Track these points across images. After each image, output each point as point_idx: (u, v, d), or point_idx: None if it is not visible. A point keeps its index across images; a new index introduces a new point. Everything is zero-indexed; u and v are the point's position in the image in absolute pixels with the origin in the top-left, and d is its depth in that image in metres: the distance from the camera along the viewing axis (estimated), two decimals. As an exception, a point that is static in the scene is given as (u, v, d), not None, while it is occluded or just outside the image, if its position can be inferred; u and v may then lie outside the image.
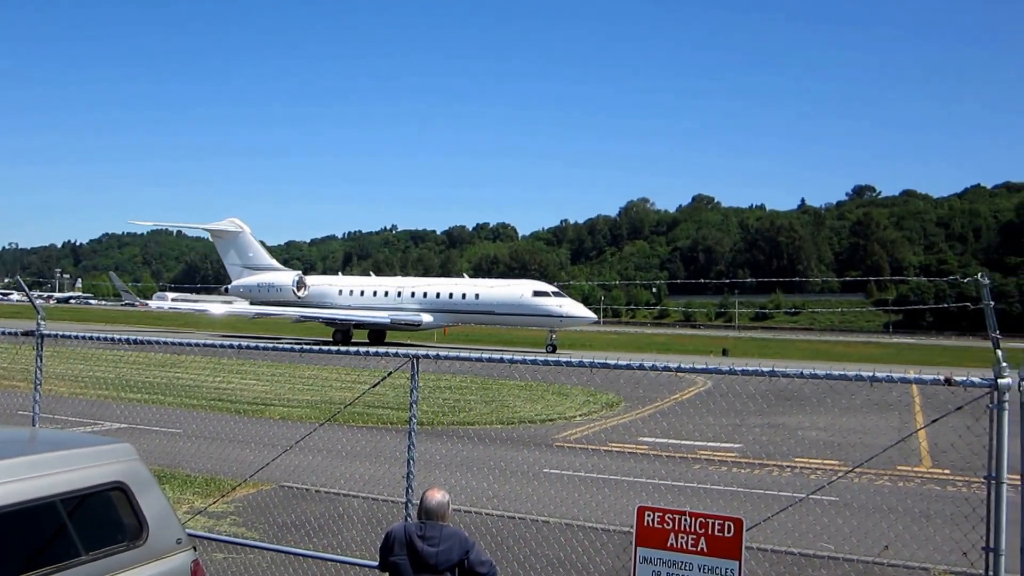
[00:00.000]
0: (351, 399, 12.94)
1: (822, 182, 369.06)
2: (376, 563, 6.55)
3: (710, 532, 6.17)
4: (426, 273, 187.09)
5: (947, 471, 17.22)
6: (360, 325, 61.17)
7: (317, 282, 67.21)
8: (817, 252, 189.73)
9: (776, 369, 6.27)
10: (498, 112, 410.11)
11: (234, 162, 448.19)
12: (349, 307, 62.28)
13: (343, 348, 30.02)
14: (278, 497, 13.91)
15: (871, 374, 5.93)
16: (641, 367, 6.97)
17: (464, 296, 59.28)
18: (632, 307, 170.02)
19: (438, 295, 60.44)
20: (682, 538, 6.24)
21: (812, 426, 23.89)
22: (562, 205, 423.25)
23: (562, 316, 55.56)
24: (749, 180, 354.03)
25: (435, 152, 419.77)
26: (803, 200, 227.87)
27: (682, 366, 7.12)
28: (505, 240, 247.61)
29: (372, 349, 8.81)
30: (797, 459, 18.60)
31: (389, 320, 59.85)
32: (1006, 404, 5.45)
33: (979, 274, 5.78)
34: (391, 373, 8.64)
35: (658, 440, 20.58)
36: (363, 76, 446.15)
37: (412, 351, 8.52)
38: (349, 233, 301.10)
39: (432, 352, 8.60)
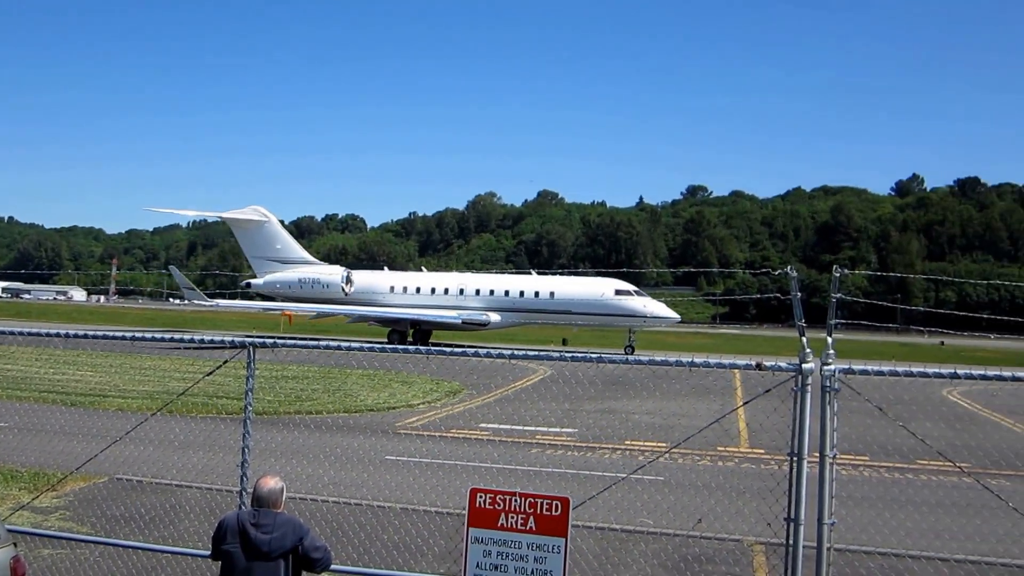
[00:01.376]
0: (185, 388, 12.46)
1: (659, 182, 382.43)
2: (209, 553, 6.36)
3: (539, 511, 6.28)
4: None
5: (762, 450, 18.13)
6: (424, 325, 55.50)
7: (363, 278, 59.66)
8: (653, 247, 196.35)
9: (603, 355, 6.43)
10: (348, 105, 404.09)
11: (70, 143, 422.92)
12: (403, 305, 55.98)
13: (175, 337, 29.00)
14: (111, 490, 13.30)
15: (690, 360, 6.18)
16: (476, 354, 7.02)
17: (537, 294, 53.85)
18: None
19: (507, 292, 54.77)
20: (512, 518, 6.33)
21: (641, 410, 24.71)
22: (411, 198, 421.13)
23: (646, 316, 51.76)
24: (591, 178, 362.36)
25: (284, 142, 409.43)
26: (641, 198, 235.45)
27: (515, 353, 7.21)
28: (354, 231, 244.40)
29: (208, 337, 8.48)
30: (627, 441, 19.20)
31: (460, 320, 53.96)
32: (808, 387, 5.79)
33: (788, 267, 6.10)
34: (226, 362, 8.38)
35: (497, 426, 20.82)
36: (202, 66, 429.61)
37: (248, 339, 8.28)
38: (194, 222, 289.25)
39: (269, 340, 8.39)
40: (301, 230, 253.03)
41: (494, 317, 53.74)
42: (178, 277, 56.41)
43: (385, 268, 64.58)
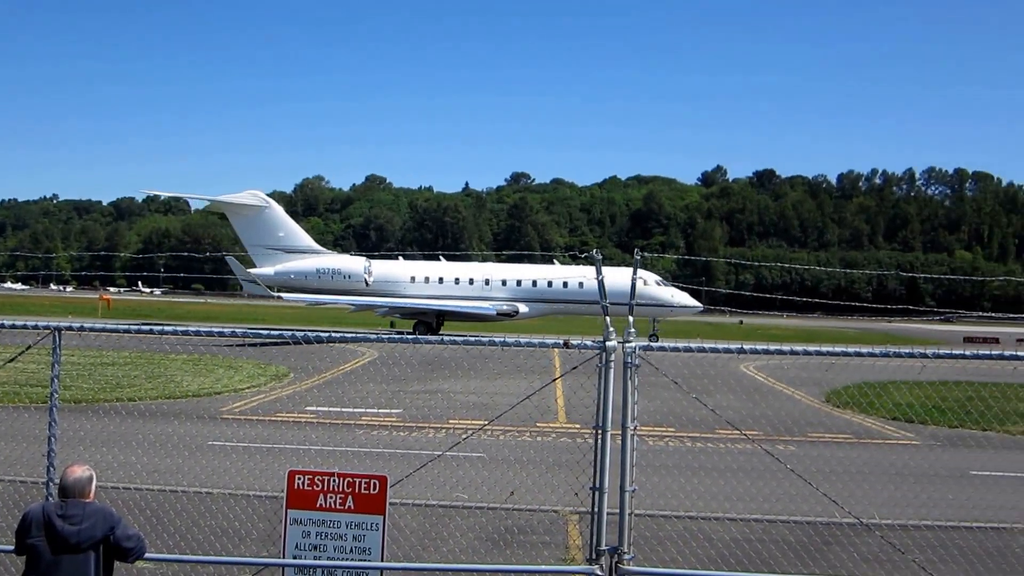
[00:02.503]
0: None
1: (484, 168, 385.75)
2: (12, 548, 5.96)
3: (357, 490, 6.27)
4: (90, 247, 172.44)
5: (578, 425, 18.71)
6: (456, 316, 53.10)
7: (382, 268, 55.52)
8: (479, 232, 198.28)
9: (419, 336, 6.47)
10: (171, 83, 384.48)
11: None
12: (425, 296, 52.81)
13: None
14: (-100, 486, 12.22)
15: (502, 339, 6.31)
16: (293, 338, 6.91)
17: (566, 284, 52.11)
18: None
19: (534, 283, 53.13)
20: (331, 498, 6.30)
21: (465, 390, 24.96)
22: (236, 180, 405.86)
23: (673, 306, 51.65)
24: (418, 163, 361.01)
25: (100, 119, 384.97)
26: (467, 184, 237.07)
27: (345, 335, 7.13)
28: (178, 214, 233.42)
29: (8, 321, 7.92)
30: (450, 421, 19.38)
31: (495, 311, 51.73)
32: (611, 364, 6.03)
33: (594, 251, 6.32)
34: (29, 347, 7.86)
35: (323, 408, 20.54)
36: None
37: (55, 323, 7.79)
38: (2, 201, 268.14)
39: (76, 324, 7.93)
40: (120, 212, 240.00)
41: (523, 308, 52.57)
42: (237, 268, 49.74)
43: (400, 258, 60.38)
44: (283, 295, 50.69)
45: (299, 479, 6.32)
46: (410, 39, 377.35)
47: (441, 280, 53.80)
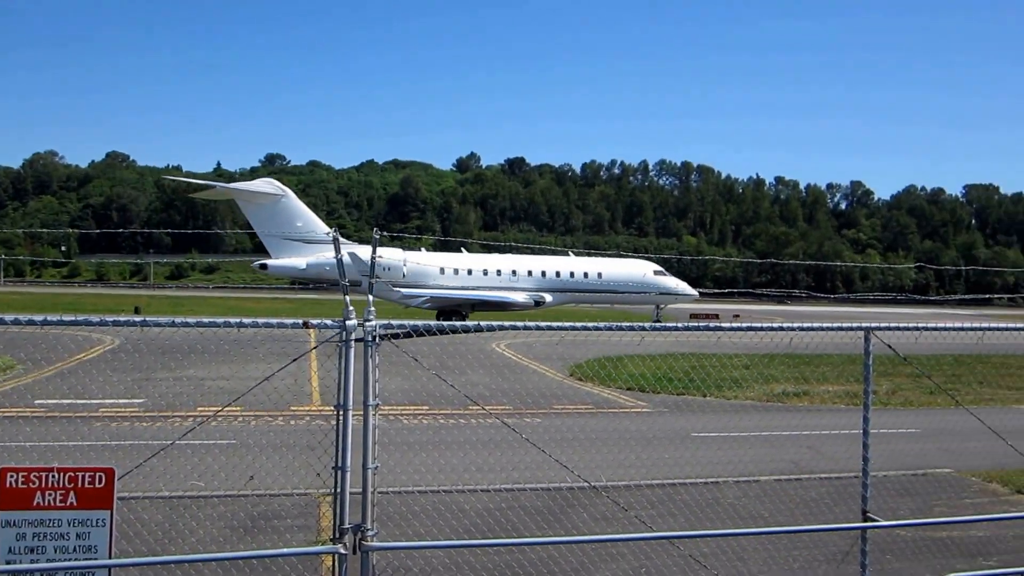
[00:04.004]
0: None
1: (237, 148, 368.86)
2: None
3: (80, 485, 5.76)
4: None
5: (332, 407, 18.42)
6: (494, 306, 51.77)
7: (409, 259, 53.13)
8: (232, 214, 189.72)
9: (149, 319, 6.03)
10: None
11: None
12: (455, 287, 51.72)
13: None
14: None
15: (238, 321, 6.02)
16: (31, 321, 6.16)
17: (586, 275, 53.95)
18: (39, 265, 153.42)
19: (557, 274, 53.85)
20: (50, 495, 5.73)
21: (218, 376, 23.86)
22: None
23: (677, 294, 54.71)
24: (165, 141, 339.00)
25: None
26: (219, 163, 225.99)
27: (76, 319, 6.41)
28: None
29: None
30: (200, 408, 18.44)
31: (532, 301, 52.04)
32: (351, 343, 5.92)
33: (332, 229, 6.18)
34: None
35: (55, 401, 18.87)
36: None
37: None
38: None
39: None
40: None
41: (547, 297, 53.17)
42: (358, 263, 45.87)
43: (421, 249, 57.56)
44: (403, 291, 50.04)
45: (11, 477, 5.69)
46: (145, 11, 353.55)
47: (470, 272, 53.82)
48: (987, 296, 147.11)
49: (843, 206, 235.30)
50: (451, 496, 11.81)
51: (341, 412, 5.99)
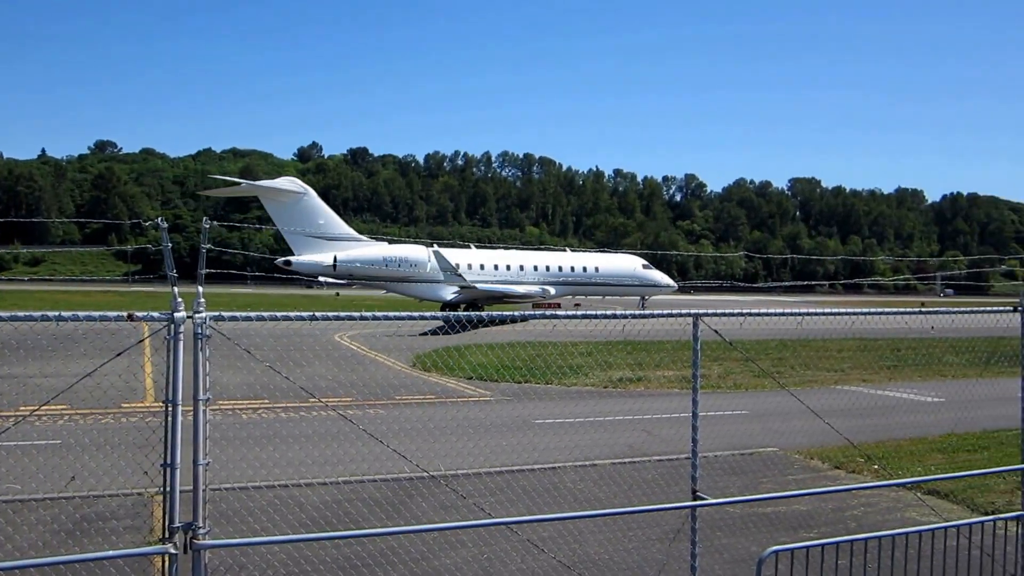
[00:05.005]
0: None
1: (65, 134, 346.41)
2: None
3: None
4: None
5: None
6: (514, 299, 54.49)
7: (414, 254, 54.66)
8: (59, 203, 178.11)
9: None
10: None
11: None
12: (481, 281, 53.21)
13: None
14: None
15: (57, 315, 5.64)
16: None
17: (585, 269, 57.37)
18: None
19: (560, 268, 57.08)
20: None
21: (43, 373, 22.37)
22: None
23: (661, 285, 58.65)
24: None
25: None
26: (44, 151, 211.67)
27: None
28: None
29: None
30: (23, 407, 17.21)
31: (543, 293, 55.31)
32: (181, 335, 5.66)
33: (159, 219, 5.89)
34: None
35: None
36: None
37: None
38: None
39: None
40: None
41: (551, 290, 55.73)
42: (442, 261, 49.81)
43: (434, 245, 55.47)
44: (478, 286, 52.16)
45: None
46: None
47: (483, 267, 55.53)
48: (810, 283, 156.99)
49: (678, 198, 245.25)
50: (291, 490, 11.54)
51: (170, 407, 5.72)
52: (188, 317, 5.63)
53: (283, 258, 52.99)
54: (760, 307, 19.63)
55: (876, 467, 13.92)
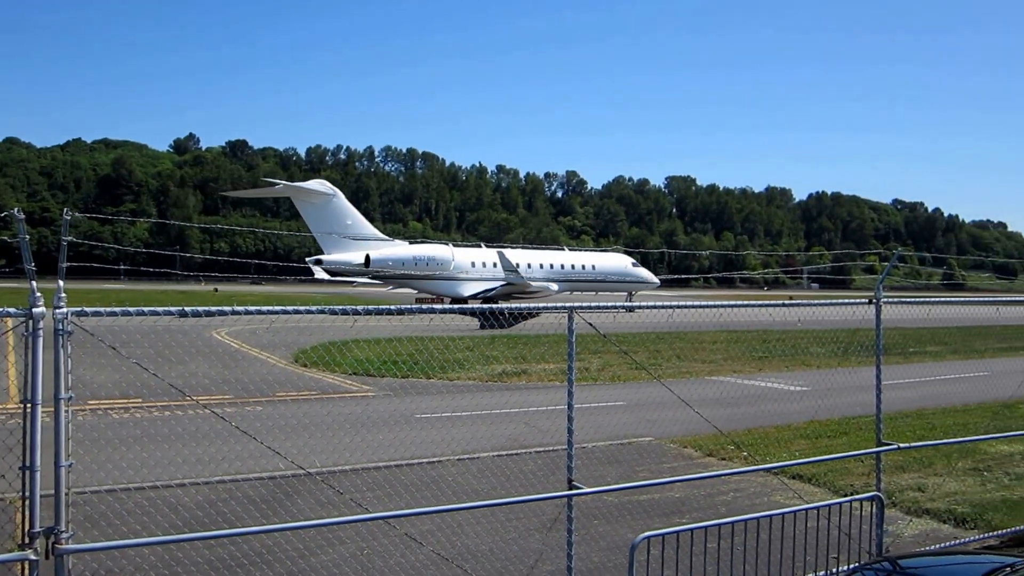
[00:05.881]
0: None
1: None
2: None
3: None
4: None
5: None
6: (523, 295, 56.10)
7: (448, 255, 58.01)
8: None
9: None
10: None
11: None
12: (483, 279, 56.20)
13: None
14: None
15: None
16: None
17: (583, 267, 61.23)
18: None
19: (562, 266, 60.55)
20: None
21: None
22: None
23: (647, 282, 63.38)
24: None
25: None
26: None
27: None
28: None
29: None
30: None
31: (559, 289, 58.13)
32: (40, 332, 5.41)
33: (15, 210, 5.60)
34: None
35: None
36: None
37: None
38: None
39: None
40: None
41: (553, 287, 57.79)
42: (505, 261, 52.49)
43: (450, 244, 60.63)
44: (549, 286, 56.75)
45: None
46: None
47: (496, 265, 56.20)
48: (686, 277, 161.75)
49: (559, 194, 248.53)
50: (164, 492, 11.16)
51: (29, 407, 5.45)
52: (49, 313, 5.39)
53: (314, 257, 54.69)
54: (636, 301, 20.12)
55: (745, 454, 14.51)
